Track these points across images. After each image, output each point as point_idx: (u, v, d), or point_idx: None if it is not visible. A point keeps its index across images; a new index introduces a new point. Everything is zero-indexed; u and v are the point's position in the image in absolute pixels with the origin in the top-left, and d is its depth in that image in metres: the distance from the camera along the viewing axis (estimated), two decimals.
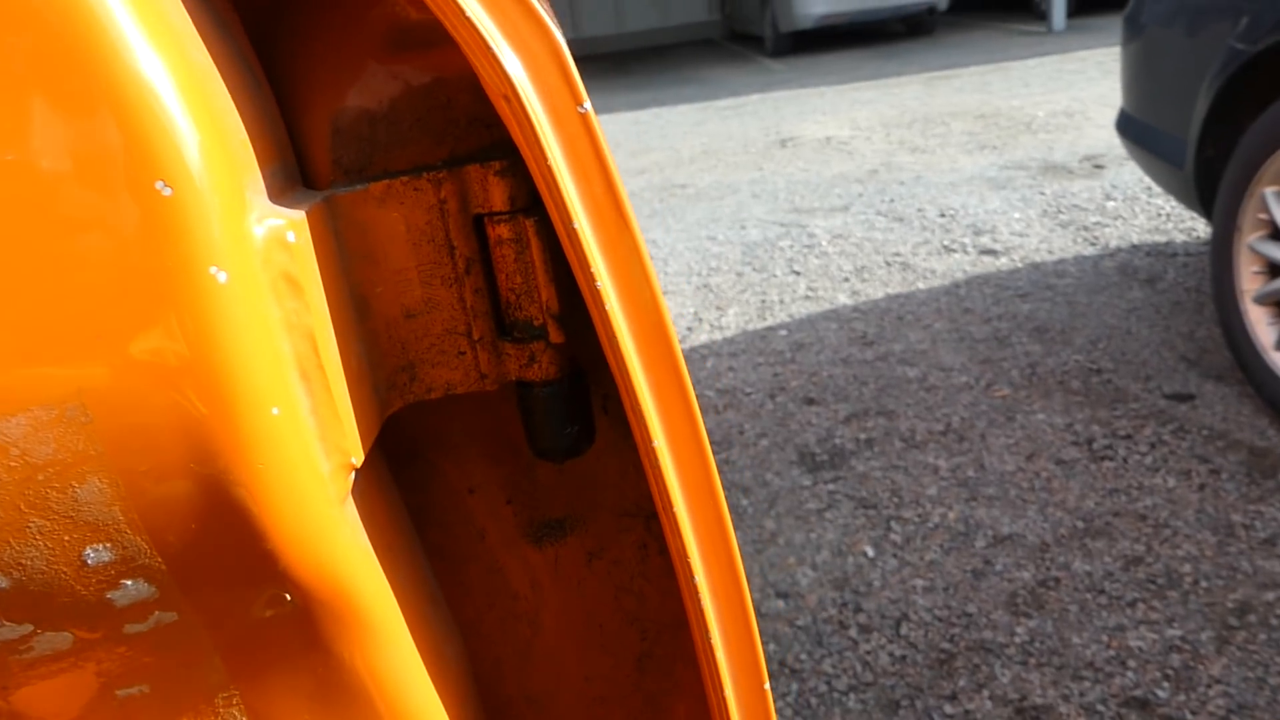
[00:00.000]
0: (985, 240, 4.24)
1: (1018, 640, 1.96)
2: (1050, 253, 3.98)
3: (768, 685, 0.51)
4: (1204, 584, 2.03)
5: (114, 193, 0.34)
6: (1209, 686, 1.78)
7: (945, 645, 1.97)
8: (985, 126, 6.36)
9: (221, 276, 0.36)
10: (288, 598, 0.40)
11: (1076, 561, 2.15)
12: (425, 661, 0.51)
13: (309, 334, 0.43)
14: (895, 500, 2.46)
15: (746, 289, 4.09)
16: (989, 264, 3.96)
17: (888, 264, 4.13)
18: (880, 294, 3.82)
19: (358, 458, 0.46)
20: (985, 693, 1.84)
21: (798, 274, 4.17)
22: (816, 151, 6.35)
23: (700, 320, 3.81)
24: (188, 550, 0.37)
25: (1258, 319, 2.57)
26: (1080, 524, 2.27)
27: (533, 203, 0.52)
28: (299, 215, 0.44)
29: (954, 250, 4.18)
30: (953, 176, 5.29)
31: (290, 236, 0.42)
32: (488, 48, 0.43)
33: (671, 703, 0.68)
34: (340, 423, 0.45)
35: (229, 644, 0.41)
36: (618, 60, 14.08)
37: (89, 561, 0.36)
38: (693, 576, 0.50)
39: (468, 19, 0.43)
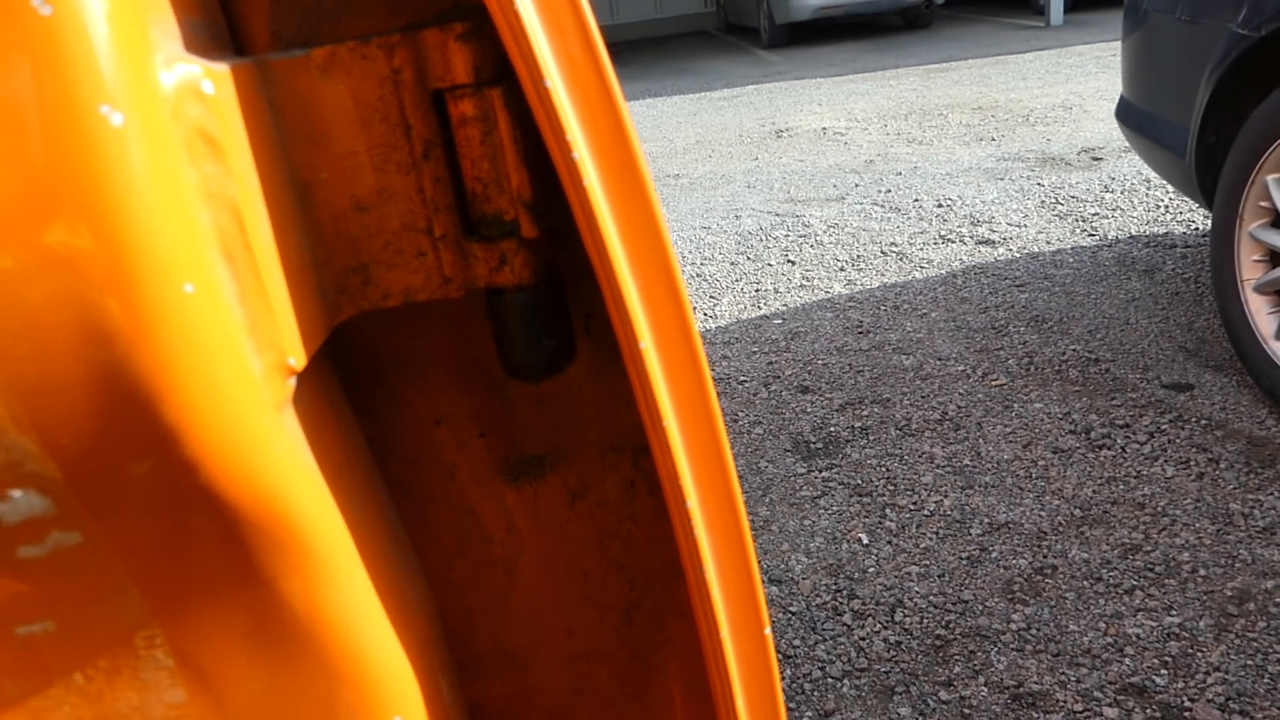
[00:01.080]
0: (983, 230, 4.21)
1: (1014, 627, 1.93)
2: (1048, 243, 3.96)
3: (768, 630, 0.47)
4: (1202, 572, 2.01)
5: None
6: (1207, 674, 1.76)
7: (941, 632, 1.95)
8: (983, 119, 6.33)
9: (115, 118, 0.30)
10: (214, 518, 0.35)
11: (1074, 549, 2.13)
12: (383, 602, 0.46)
13: (233, 206, 0.37)
14: (890, 488, 2.44)
15: (741, 278, 4.05)
16: (986, 254, 3.94)
17: (884, 254, 4.11)
18: (876, 283, 3.79)
19: (297, 360, 0.40)
20: (981, 679, 1.82)
21: (793, 263, 4.14)
22: (812, 142, 6.31)
23: (694, 309, 3.78)
24: (86, 455, 0.32)
25: (1258, 308, 2.55)
26: (1078, 512, 2.25)
27: (501, 74, 0.46)
28: (220, 68, 0.38)
29: (951, 240, 4.15)
30: (950, 168, 5.26)
31: (207, 87, 0.36)
32: None
33: (662, 659, 0.63)
34: (274, 316, 0.39)
35: (146, 573, 0.35)
36: (612, 51, 14.02)
37: None
38: (684, 501, 0.45)
39: None
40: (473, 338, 0.56)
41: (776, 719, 0.47)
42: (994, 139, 5.78)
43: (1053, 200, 4.48)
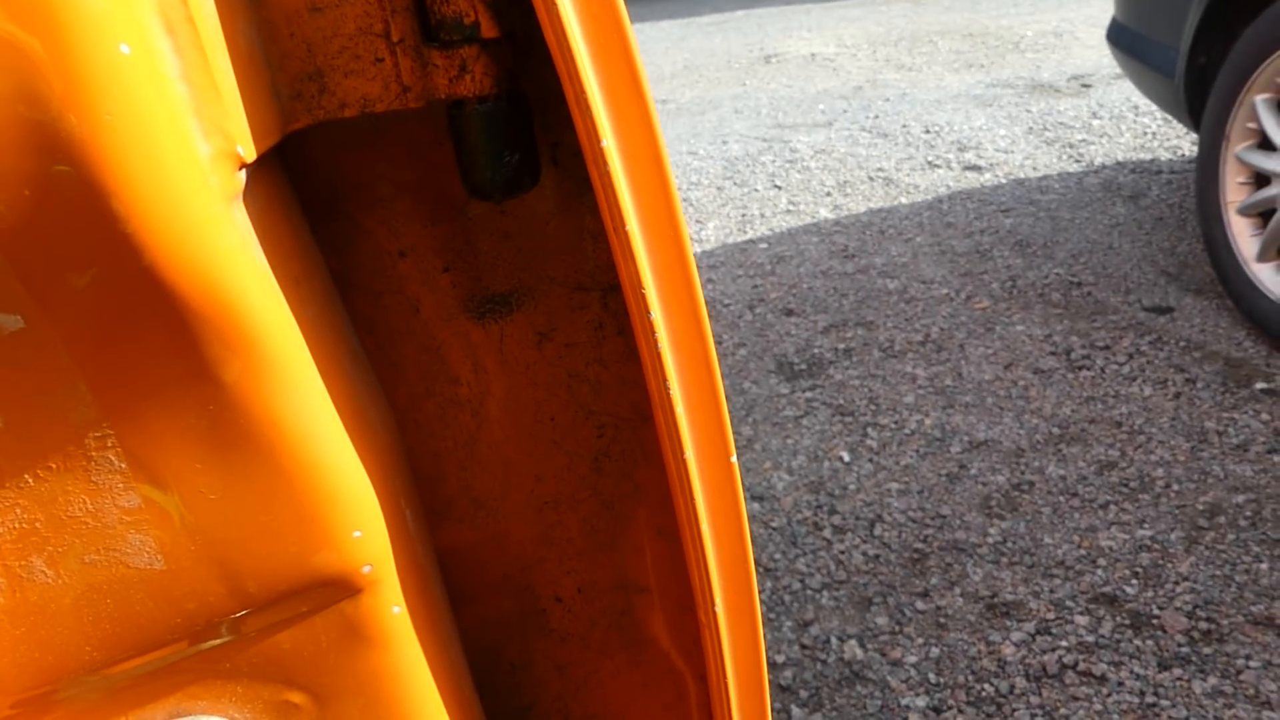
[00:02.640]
0: (970, 156, 4.19)
1: (990, 541, 1.97)
2: (1035, 169, 3.94)
3: (734, 459, 0.47)
4: (1175, 487, 2.04)
5: None
6: (1176, 583, 1.80)
7: (919, 545, 1.98)
8: (973, 45, 6.24)
9: None
10: (159, 303, 0.34)
11: (1051, 466, 2.16)
12: (342, 415, 0.45)
13: None
14: (872, 407, 2.46)
15: (727, 203, 4.02)
16: (973, 180, 3.92)
17: (870, 179, 4.08)
18: (862, 208, 3.77)
19: (247, 150, 0.39)
20: (957, 590, 1.86)
21: (779, 188, 4.11)
22: (801, 68, 6.22)
23: None
24: (21, 224, 0.30)
25: (1240, 230, 2.55)
26: (1056, 430, 2.27)
27: None
28: None
29: (938, 166, 4.12)
30: (938, 94, 5.20)
31: None
32: None
33: (631, 507, 0.63)
34: (220, 99, 0.37)
35: (93, 366, 0.34)
36: None
37: None
38: (647, 313, 0.44)
39: None
40: (436, 165, 0.55)
41: (743, 547, 0.47)
42: (983, 65, 5.70)
43: (1040, 127, 4.45)
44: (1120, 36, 3.13)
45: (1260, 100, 2.44)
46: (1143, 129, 4.23)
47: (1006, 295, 2.93)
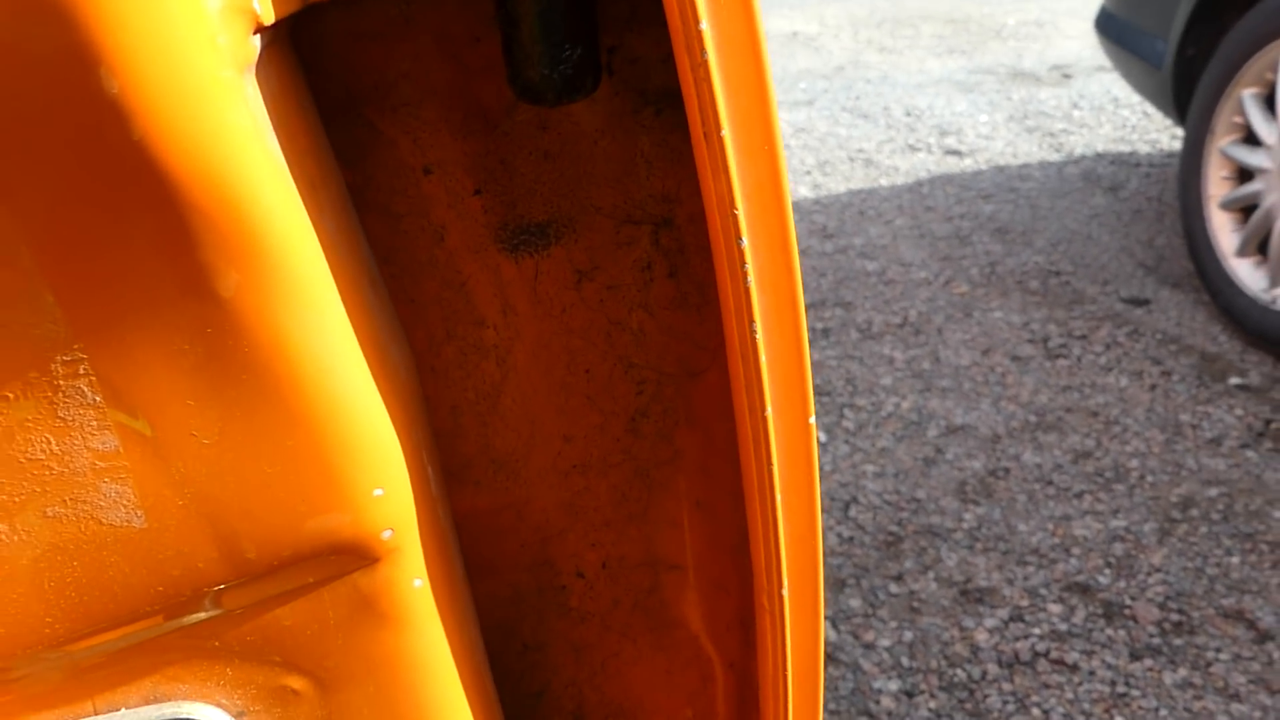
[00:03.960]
0: (950, 141, 4.17)
1: (965, 526, 1.96)
2: (1015, 157, 3.92)
3: (813, 419, 0.42)
4: (1150, 479, 2.04)
5: None
6: (1149, 574, 1.80)
7: (893, 529, 1.97)
8: (955, 31, 6.22)
9: None
10: (150, 192, 0.27)
11: (1027, 453, 2.15)
12: (362, 347, 0.37)
13: None
14: (850, 388, 2.43)
15: None
16: (953, 164, 3.90)
17: (851, 159, 4.04)
18: (842, 189, 3.74)
19: (264, 9, 0.32)
20: (931, 574, 1.84)
21: None
22: (782, 46, 6.16)
23: None
24: None
25: (1221, 225, 2.55)
26: (1033, 418, 2.27)
27: None
28: None
29: (919, 149, 4.10)
30: (920, 78, 5.17)
31: None
32: None
33: (668, 476, 0.56)
34: None
35: (64, 269, 0.27)
36: None
37: None
38: (742, 265, 0.37)
39: None
40: (472, 66, 0.47)
41: (813, 525, 0.42)
42: (965, 51, 5.68)
43: (1021, 115, 4.44)
44: (1109, 25, 3.11)
45: (1248, 95, 2.44)
46: (1122, 121, 4.24)
47: (985, 281, 2.92)
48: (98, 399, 0.30)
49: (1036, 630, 1.70)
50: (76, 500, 0.30)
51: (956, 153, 4.03)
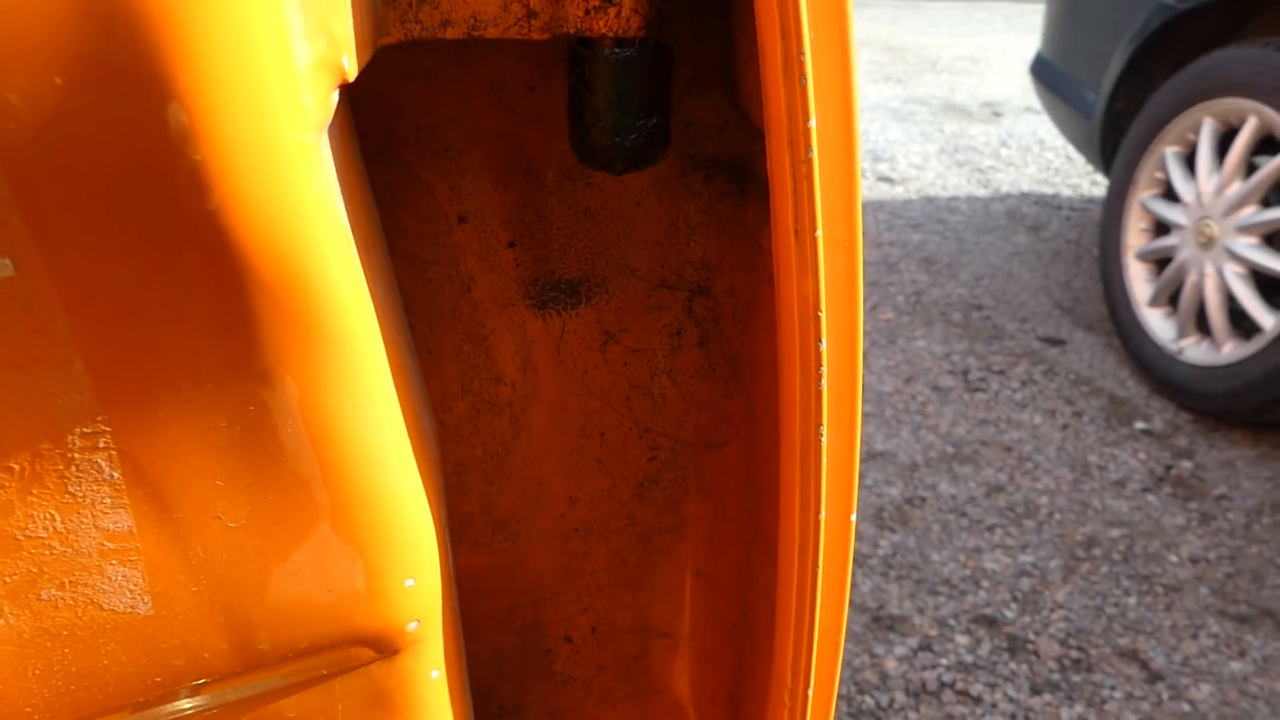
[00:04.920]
0: (883, 168, 4.25)
1: (880, 553, 1.99)
2: (944, 189, 4.02)
3: (854, 516, 0.40)
4: (1058, 516, 2.11)
5: None
6: (1052, 610, 1.86)
7: None
8: (893, 59, 6.35)
9: None
10: (212, 262, 0.24)
11: (943, 483, 2.20)
12: (407, 425, 0.35)
13: None
14: None
15: None
16: (885, 191, 3.97)
17: None
18: None
19: (351, 62, 0.29)
20: None
21: None
22: None
23: None
24: (39, 135, 0.21)
25: (1136, 274, 2.66)
26: (950, 449, 2.32)
27: None
28: None
29: None
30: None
31: None
32: None
33: (670, 544, 0.54)
34: None
35: (101, 339, 0.24)
36: None
37: None
38: (817, 338, 0.35)
39: None
40: (521, 115, 0.44)
41: (840, 620, 0.41)
42: (901, 80, 5.81)
43: (952, 148, 4.55)
44: (1043, 71, 3.21)
45: (1170, 152, 2.54)
46: (1047, 163, 4.38)
47: (911, 310, 2.98)
48: (115, 475, 0.26)
49: (944, 661, 1.74)
50: (76, 583, 0.27)
51: (889, 180, 4.11)
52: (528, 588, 0.53)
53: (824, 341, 0.36)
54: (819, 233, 0.34)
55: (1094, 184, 4.09)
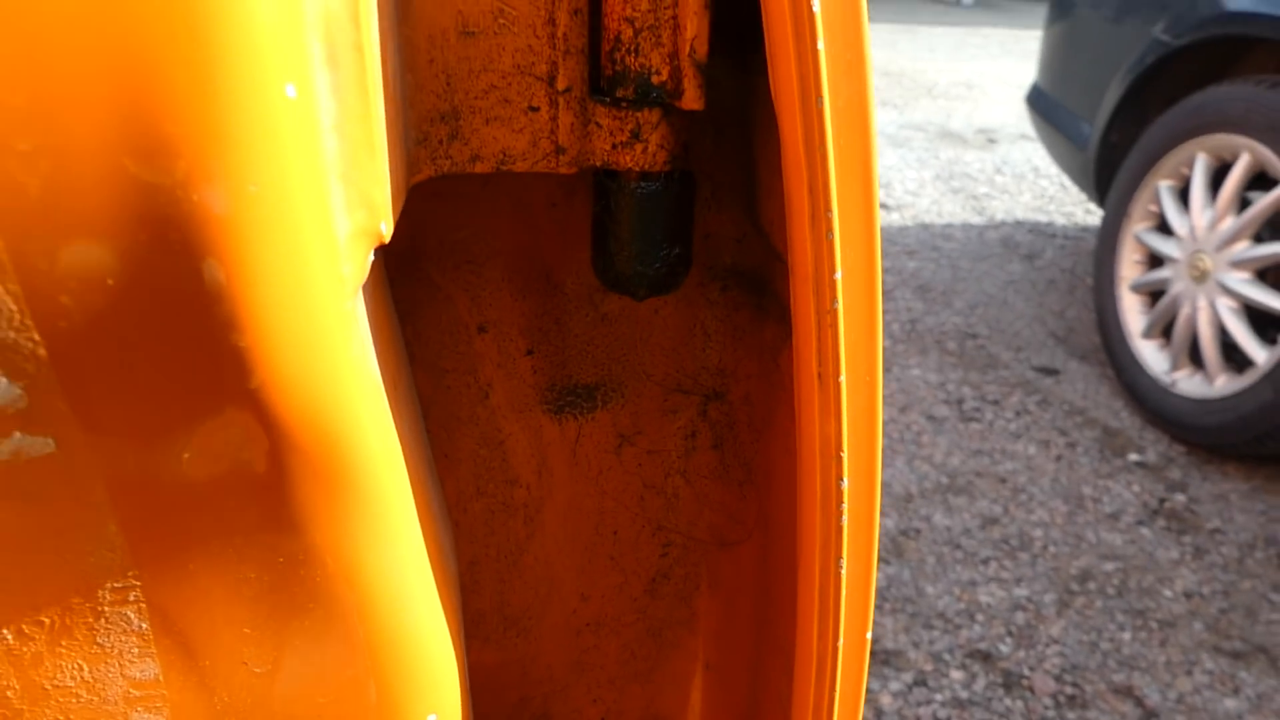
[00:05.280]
0: (880, 194, 4.27)
1: (876, 585, 1.99)
2: (939, 215, 4.05)
3: (869, 634, 0.41)
4: (1052, 549, 2.11)
5: None
6: (1047, 645, 1.86)
7: None
8: (889, 84, 6.40)
9: None
10: (250, 434, 0.25)
11: (938, 515, 2.20)
12: (432, 564, 0.35)
13: None
14: None
15: None
16: (881, 217, 3.99)
17: None
18: None
19: (388, 225, 0.30)
20: None
21: None
22: None
23: None
24: (89, 325, 0.21)
25: (1130, 306, 2.67)
26: (945, 479, 2.32)
27: None
28: None
29: None
30: None
31: None
32: None
33: (681, 637, 0.55)
34: (375, 157, 0.28)
35: (136, 504, 0.25)
36: None
37: None
38: (840, 494, 0.37)
39: None
40: (544, 229, 0.45)
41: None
42: (897, 106, 5.85)
43: (948, 174, 4.58)
44: (1039, 101, 3.24)
45: (1164, 186, 2.56)
46: (1041, 191, 4.41)
47: (906, 337, 2.99)
48: (144, 626, 0.27)
49: (939, 696, 1.74)
50: None
51: (885, 206, 4.13)
52: (538, 680, 0.53)
53: (845, 480, 0.36)
54: (843, 377, 0.35)
55: (1088, 212, 4.12)
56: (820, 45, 0.31)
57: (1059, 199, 4.31)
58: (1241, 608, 1.96)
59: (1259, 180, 2.35)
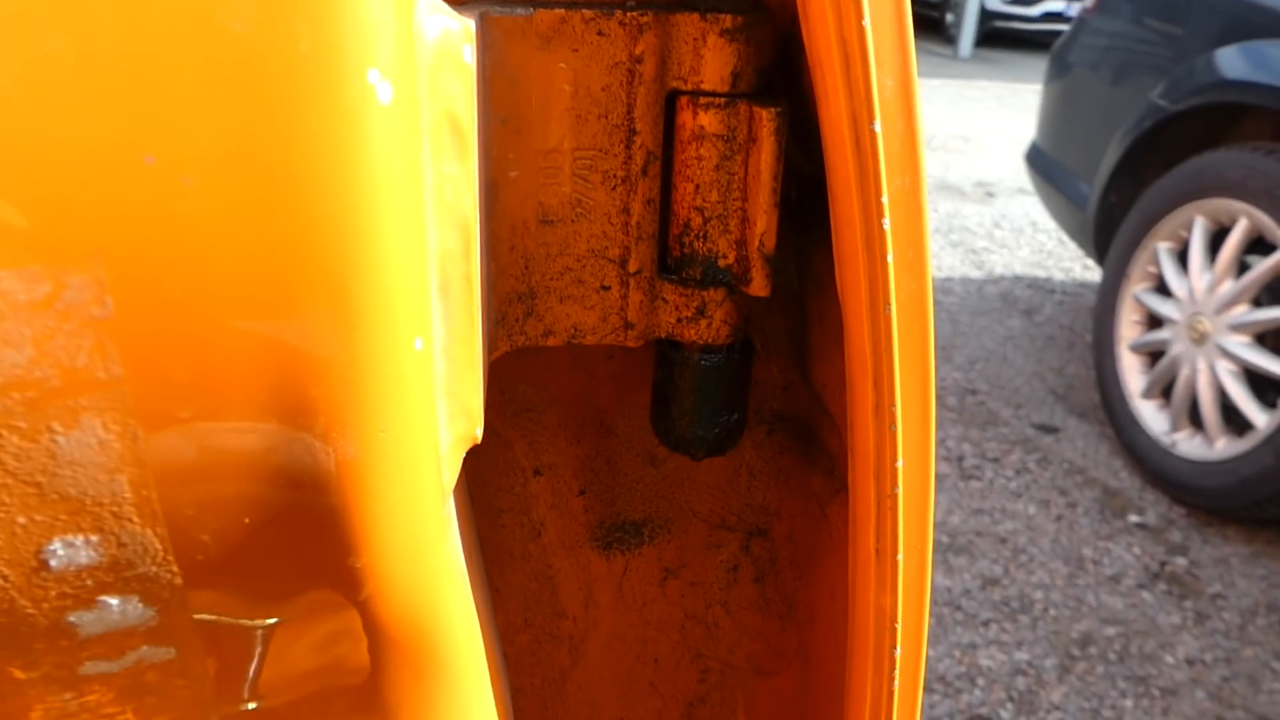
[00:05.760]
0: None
1: None
2: (939, 269, 4.07)
3: None
4: (1053, 612, 2.10)
5: None
6: (1048, 712, 1.85)
7: None
8: None
9: (383, 91, 0.21)
10: (354, 640, 0.26)
11: (938, 575, 2.19)
12: (497, 708, 0.37)
13: (463, 224, 0.28)
14: None
15: None
16: None
17: None
18: None
19: (481, 427, 0.31)
20: None
21: None
22: None
23: None
24: (225, 558, 0.23)
25: (1129, 366, 2.68)
26: (945, 539, 2.32)
27: (760, 86, 0.36)
28: (469, 22, 0.28)
29: None
30: None
31: (467, 55, 0.27)
32: None
33: None
34: (474, 370, 0.30)
35: (242, 695, 0.26)
36: None
37: (51, 563, 0.21)
38: (892, 662, 0.38)
39: None
40: (598, 376, 0.47)
41: None
42: None
43: (946, 228, 4.62)
44: (1038, 160, 3.28)
45: (1162, 248, 2.59)
46: (1040, 245, 4.45)
47: None
48: None
49: None
50: None
51: None
52: None
53: (899, 649, 0.37)
54: (900, 555, 0.36)
55: (1086, 268, 4.15)
56: (890, 258, 0.32)
57: (1057, 254, 4.34)
58: (1244, 676, 1.95)
59: (1256, 244, 2.37)
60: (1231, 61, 2.42)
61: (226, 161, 0.19)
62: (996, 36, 11.55)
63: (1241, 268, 2.39)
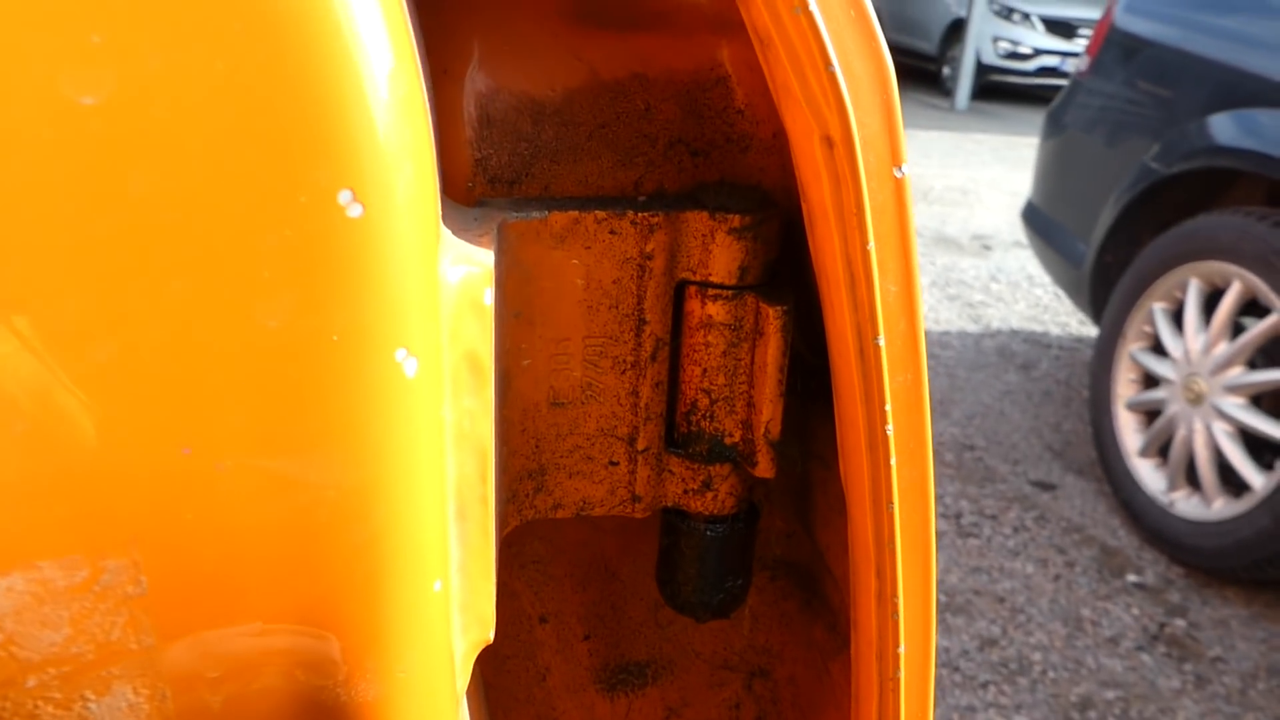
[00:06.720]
0: None
1: None
2: (936, 323, 4.10)
3: None
4: (1051, 674, 2.09)
5: (263, 204, 0.21)
6: None
7: None
8: None
9: (409, 366, 0.23)
10: None
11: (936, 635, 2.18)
12: None
13: (481, 450, 0.29)
14: None
15: None
16: None
17: None
18: None
19: (492, 628, 0.33)
20: None
21: None
22: None
23: None
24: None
25: (1126, 424, 2.69)
26: (943, 598, 2.31)
27: (766, 279, 0.39)
28: (489, 259, 0.30)
29: None
30: None
31: (487, 297, 0.29)
32: (827, 62, 0.30)
33: None
34: (488, 580, 0.31)
35: None
36: None
37: None
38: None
39: (808, 12, 0.29)
40: (603, 527, 0.48)
41: None
42: None
43: (944, 281, 4.66)
44: (1034, 218, 3.32)
45: (1158, 308, 2.61)
46: (1036, 300, 4.48)
47: None
48: None
49: None
50: None
51: None
52: None
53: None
54: (901, 684, 0.37)
55: (1082, 323, 4.17)
56: (893, 461, 0.34)
57: (1053, 309, 4.37)
58: None
59: (1250, 306, 2.39)
60: (1224, 128, 2.46)
61: (259, 447, 0.21)
62: (993, 90, 11.72)
63: (1236, 329, 2.41)
